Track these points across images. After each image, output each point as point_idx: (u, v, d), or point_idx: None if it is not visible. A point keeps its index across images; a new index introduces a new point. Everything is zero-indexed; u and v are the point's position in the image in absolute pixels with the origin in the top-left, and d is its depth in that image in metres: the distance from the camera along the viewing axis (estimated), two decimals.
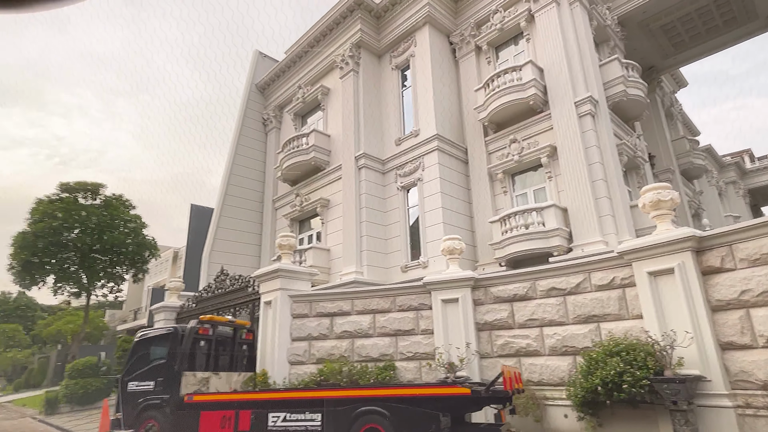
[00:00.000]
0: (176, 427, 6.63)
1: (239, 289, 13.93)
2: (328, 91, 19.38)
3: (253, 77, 22.91)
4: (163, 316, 16.82)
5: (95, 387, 14.19)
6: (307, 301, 11.28)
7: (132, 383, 7.47)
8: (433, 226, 14.60)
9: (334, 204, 17.49)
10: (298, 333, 11.04)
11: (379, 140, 17.40)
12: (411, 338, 10.15)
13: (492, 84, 14.89)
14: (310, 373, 10.39)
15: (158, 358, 7.52)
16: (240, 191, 21.16)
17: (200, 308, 15.76)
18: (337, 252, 16.56)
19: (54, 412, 13.98)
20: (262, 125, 22.92)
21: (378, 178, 16.90)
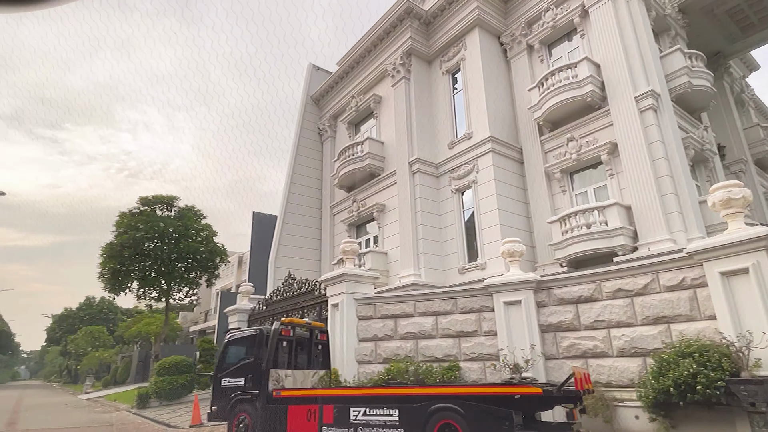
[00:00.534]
0: (266, 420, 7.35)
1: (306, 292, 14.77)
2: (380, 99, 19.97)
3: (308, 89, 23.98)
4: (237, 317, 18.09)
5: (180, 383, 15.57)
6: (371, 304, 11.84)
7: (224, 379, 8.33)
8: (490, 228, 14.74)
9: (389, 208, 18.02)
10: (364, 334, 11.63)
11: (432, 144, 17.74)
12: (474, 339, 10.42)
13: (546, 83, 14.81)
14: (377, 372, 10.93)
15: (246, 356, 8.34)
16: (300, 199, 22.23)
17: (270, 310, 16.82)
18: (395, 255, 17.06)
19: (145, 406, 15.49)
20: (318, 135, 23.93)
21: (432, 181, 17.24)
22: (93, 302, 56.09)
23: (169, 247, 21.52)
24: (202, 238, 22.78)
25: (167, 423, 11.43)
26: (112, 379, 37.64)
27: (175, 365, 15.82)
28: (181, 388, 15.66)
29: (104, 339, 45.42)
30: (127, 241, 20.53)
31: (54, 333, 58.78)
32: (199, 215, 24.00)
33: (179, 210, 23.41)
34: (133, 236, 20.67)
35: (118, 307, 56.66)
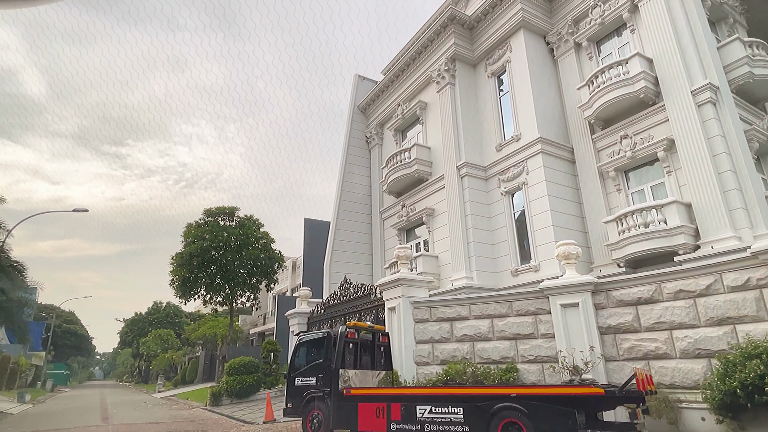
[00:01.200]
0: (338, 416, 7.98)
1: (363, 296, 15.43)
2: (425, 105, 20.38)
3: (354, 99, 24.80)
4: (297, 321, 19.08)
5: (249, 383, 16.68)
6: (426, 307, 12.27)
7: (297, 378, 9.07)
8: (543, 230, 14.75)
9: (438, 213, 18.37)
10: (421, 336, 12.08)
11: (480, 148, 17.92)
12: (531, 342, 10.59)
13: (596, 80, 14.65)
14: (435, 373, 11.34)
15: (317, 357, 9.03)
16: (351, 206, 23.04)
17: (328, 314, 17.65)
18: (446, 258, 17.38)
19: (218, 404, 16.72)
20: (365, 143, 24.67)
21: (481, 185, 17.43)
22: (160, 307, 60.05)
23: (232, 255, 22.97)
24: (261, 245, 24.10)
25: (242, 419, 12.39)
26: (181, 378, 40.25)
27: (243, 366, 16.95)
28: (249, 387, 16.76)
29: (172, 341, 48.55)
30: (195, 250, 22.14)
31: (126, 336, 63.38)
32: (258, 224, 25.41)
33: (239, 220, 24.90)
34: (200, 246, 22.26)
35: (183, 311, 60.30)
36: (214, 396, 16.78)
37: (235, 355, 22.89)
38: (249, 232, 24.14)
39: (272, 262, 24.43)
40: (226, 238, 23.15)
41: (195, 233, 23.05)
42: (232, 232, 23.55)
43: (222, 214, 24.65)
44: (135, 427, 12.02)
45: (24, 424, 13.81)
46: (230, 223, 24.78)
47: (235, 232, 23.67)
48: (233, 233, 23.57)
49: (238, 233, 23.70)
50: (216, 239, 22.78)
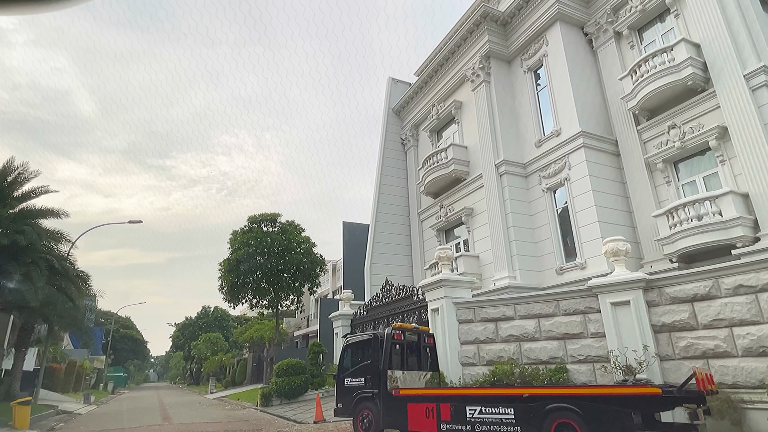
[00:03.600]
0: (388, 416, 8.13)
1: (405, 298, 15.56)
2: (460, 105, 20.29)
3: (388, 102, 25.00)
4: (340, 323, 19.44)
5: (298, 384, 17.14)
6: (470, 308, 12.24)
7: (347, 379, 9.30)
8: (588, 226, 14.38)
9: (478, 212, 18.23)
10: (466, 337, 12.06)
11: (518, 145, 17.67)
12: (580, 341, 10.37)
13: (639, 69, 14.14)
14: (482, 373, 11.30)
15: (364, 359, 9.23)
16: (389, 208, 23.23)
17: (370, 315, 17.89)
18: (487, 258, 17.23)
19: (268, 404, 17.29)
20: (401, 145, 24.81)
21: (520, 182, 17.18)
22: (209, 311, 62.43)
23: (276, 259, 23.65)
24: (303, 249, 24.68)
25: (293, 419, 12.79)
26: (230, 380, 41.71)
27: (291, 367, 17.43)
28: (298, 388, 17.22)
29: (221, 344, 50.37)
30: (241, 256, 22.97)
31: (178, 340, 66.28)
32: (299, 229, 26.04)
33: (281, 225, 25.61)
34: (246, 252, 23.07)
35: (230, 315, 62.43)
36: (265, 397, 17.36)
37: (281, 357, 23.56)
38: (291, 237, 24.77)
39: (314, 265, 24.97)
40: (270, 244, 23.86)
41: (241, 240, 23.90)
42: (275, 238, 24.24)
43: (265, 221, 25.43)
44: (194, 426, 12.65)
45: (92, 423, 14.81)
46: (273, 229, 25.51)
47: (278, 238, 24.36)
48: (276, 239, 24.26)
49: (280, 239, 24.38)
50: (260, 245, 23.53)
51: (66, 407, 20.16)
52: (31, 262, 12.72)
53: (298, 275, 24.67)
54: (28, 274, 12.41)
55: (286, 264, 23.77)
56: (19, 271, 12.21)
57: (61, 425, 14.26)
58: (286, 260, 23.73)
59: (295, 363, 17.59)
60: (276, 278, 23.90)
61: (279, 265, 23.58)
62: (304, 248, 24.84)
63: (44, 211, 15.11)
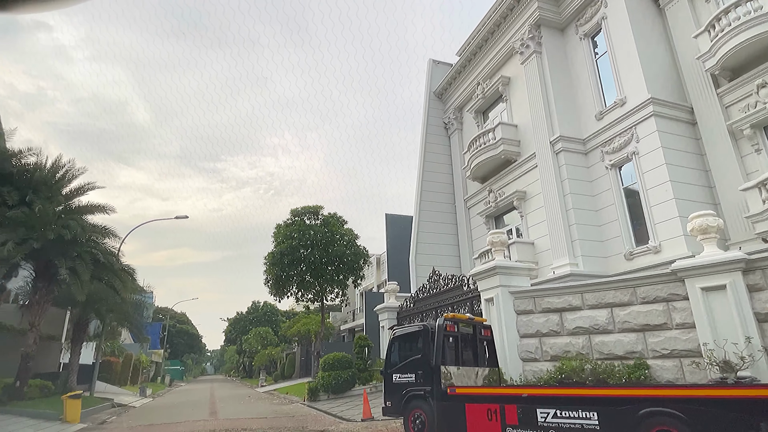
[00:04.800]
0: (443, 417, 7.19)
1: (454, 288, 14.50)
2: (508, 81, 18.85)
3: (429, 85, 23.84)
4: (386, 315, 18.64)
5: (344, 378, 16.53)
6: (530, 297, 11.03)
7: (395, 375, 8.43)
8: (662, 204, 12.72)
9: (531, 195, 16.82)
10: (526, 330, 10.87)
11: (575, 119, 16.09)
12: (663, 333, 8.96)
13: (719, 23, 12.31)
14: (546, 370, 10.10)
15: (414, 352, 8.32)
16: (433, 196, 22.14)
17: (417, 308, 16.96)
18: (543, 245, 15.83)
19: (316, 399, 16.78)
20: (444, 129, 23.61)
21: (580, 160, 15.62)
22: (258, 306, 63.84)
23: (320, 252, 23.20)
24: (346, 241, 24.09)
25: (340, 416, 12.11)
26: (280, 373, 42.17)
27: (337, 361, 16.84)
28: (344, 383, 16.60)
29: (270, 338, 51.18)
30: (285, 249, 22.68)
31: (230, 334, 68.29)
32: (341, 221, 25.47)
33: (324, 218, 25.14)
34: (290, 245, 22.75)
35: (279, 310, 63.54)
36: (312, 391, 16.88)
37: (328, 351, 23.13)
38: (333, 229, 24.24)
39: (357, 257, 24.32)
40: (313, 236, 23.44)
41: (284, 233, 23.63)
42: (318, 230, 23.79)
43: (307, 213, 25.06)
44: (239, 422, 12.26)
45: (143, 417, 14.84)
46: (315, 221, 25.10)
47: (321, 230, 23.89)
48: (319, 231, 23.81)
49: (323, 231, 23.90)
50: (303, 237, 23.15)
51: (122, 400, 20.66)
52: (77, 256, 12.76)
53: (342, 268, 24.10)
54: (74, 268, 12.44)
55: (329, 256, 23.26)
56: (65, 265, 12.25)
57: (113, 418, 14.36)
58: (329, 252, 23.23)
59: (341, 357, 16.98)
60: (320, 271, 23.46)
61: (322, 258, 23.11)
62: (347, 240, 24.24)
63: (91, 206, 15.26)
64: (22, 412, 11.60)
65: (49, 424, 11.04)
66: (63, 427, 11.04)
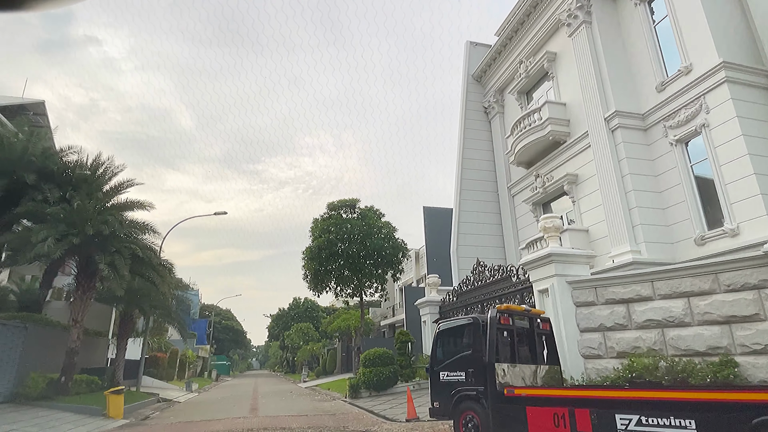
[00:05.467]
0: (500, 422, 6.34)
1: (502, 279, 13.50)
2: (554, 57, 17.50)
3: (467, 68, 22.71)
4: (428, 310, 17.83)
5: (386, 375, 15.87)
6: (590, 287, 9.92)
7: (442, 373, 7.63)
8: (739, 181, 11.22)
9: (584, 178, 15.50)
10: (587, 323, 9.78)
11: (633, 92, 14.64)
12: (755, 326, 7.70)
13: None
14: (612, 368, 9.01)
15: (463, 348, 7.50)
16: (474, 184, 21.07)
17: (461, 301, 16.04)
18: (598, 232, 14.53)
19: (357, 396, 16.22)
20: (484, 114, 22.44)
21: (639, 137, 14.20)
22: (299, 302, 64.52)
23: (357, 246, 22.65)
24: (384, 235, 23.42)
25: (383, 415, 11.44)
26: (322, 369, 42.23)
27: (378, 357, 16.21)
28: (386, 380, 15.96)
29: (312, 334, 51.46)
30: (322, 243, 22.29)
31: (273, 330, 69.44)
32: (378, 214, 24.82)
33: (361, 211, 24.58)
34: (327, 239, 22.34)
35: (319, 306, 63.99)
36: (353, 388, 16.33)
37: (369, 347, 22.57)
38: (371, 222, 23.62)
39: (396, 251, 23.60)
40: (350, 230, 22.92)
41: (321, 227, 23.25)
42: (355, 224, 23.25)
43: (344, 207, 24.58)
44: (279, 419, 11.84)
45: (184, 413, 14.77)
46: (352, 215, 24.59)
47: (358, 224, 23.34)
48: (356, 224, 23.26)
49: (360, 224, 23.33)
50: (340, 231, 22.68)
51: (167, 395, 20.95)
52: (115, 251, 12.73)
53: (380, 261, 23.45)
54: (113, 263, 12.41)
55: (367, 250, 22.67)
56: (104, 261, 12.22)
57: (156, 414, 14.36)
58: (366, 246, 22.63)
59: (382, 353, 16.32)
60: (358, 265, 22.91)
61: (360, 252, 22.55)
62: (385, 233, 23.56)
63: (131, 203, 15.31)
64: (66, 407, 11.67)
65: (92, 420, 11.02)
66: (104, 422, 10.98)
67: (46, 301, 17.23)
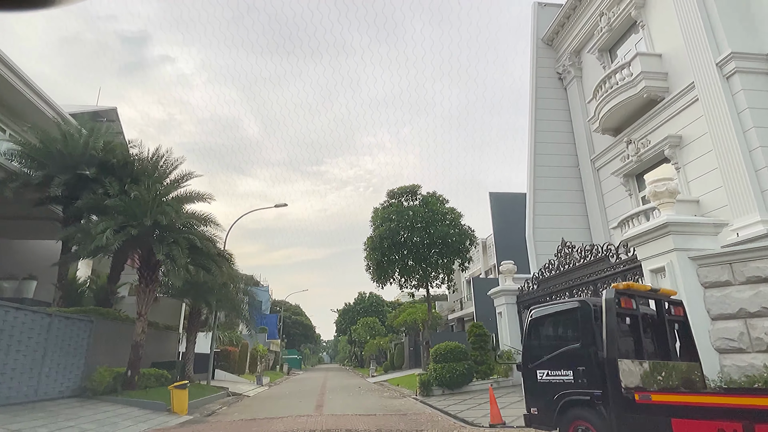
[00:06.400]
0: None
1: (596, 261, 11.49)
2: (643, 2, 14.96)
3: (536, 32, 20.43)
4: (503, 299, 16.07)
5: (460, 371, 14.39)
6: (723, 263, 7.79)
7: (540, 372, 6.05)
8: None
9: (690, 139, 12.97)
10: (721, 308, 7.69)
11: (750, 29, 11.94)
12: None
13: None
14: (760, 365, 6.92)
15: (568, 340, 5.88)
16: (550, 159, 18.88)
17: (543, 289, 14.15)
18: (713, 202, 12.03)
19: (428, 395, 14.88)
20: (557, 81, 20.08)
21: (763, 82, 11.50)
22: (364, 297, 64.52)
23: (421, 234, 21.28)
24: (449, 221, 21.83)
25: (462, 418, 10.00)
26: (390, 363, 41.39)
27: (449, 351, 14.76)
28: (460, 377, 14.47)
29: (378, 328, 50.95)
30: (384, 232, 21.15)
31: (340, 324, 70.06)
32: (442, 200, 23.25)
33: (423, 197, 23.15)
34: (389, 227, 21.17)
35: (384, 300, 63.57)
36: (424, 385, 15.00)
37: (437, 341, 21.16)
38: (434, 208, 22.12)
39: (463, 238, 21.89)
40: (412, 217, 21.58)
41: (382, 215, 22.13)
42: (417, 211, 21.86)
43: (405, 194, 23.27)
44: (344, 419, 10.81)
45: (250, 408, 14.26)
46: (414, 202, 23.22)
47: (420, 210, 21.93)
48: (418, 211, 21.87)
49: (423, 211, 21.91)
50: (402, 219, 21.40)
51: (238, 388, 20.90)
52: (173, 242, 12.35)
53: (446, 250, 21.87)
54: (171, 253, 12.02)
55: (431, 238, 21.20)
56: (162, 251, 11.86)
57: (223, 409, 13.95)
58: (431, 234, 21.17)
59: (454, 347, 14.84)
60: (423, 254, 21.52)
61: (425, 240, 21.13)
62: (450, 219, 21.94)
63: (191, 195, 15.05)
64: (131, 402, 11.45)
65: (154, 415, 10.63)
66: (167, 418, 10.55)
67: (119, 297, 17.59)
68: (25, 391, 9.46)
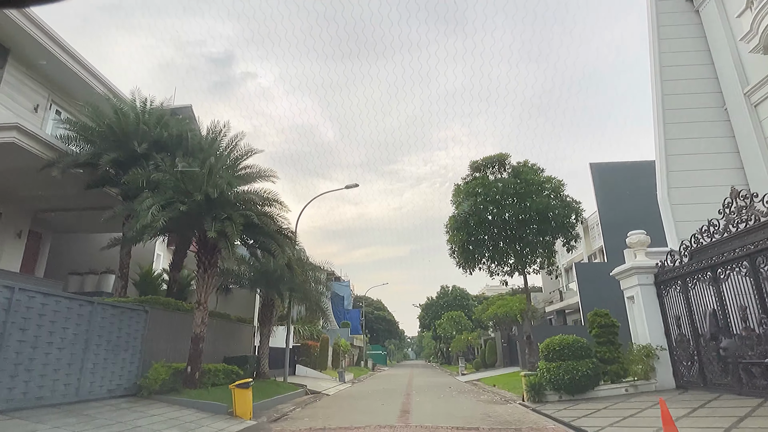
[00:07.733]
0: None
1: None
2: None
3: None
4: (636, 280, 12.50)
5: (582, 372, 11.18)
6: None
7: None
8: None
9: None
10: None
11: None
12: None
13: None
14: None
15: None
16: (682, 100, 14.77)
17: (699, 261, 10.45)
18: None
19: (541, 400, 11.85)
20: (686, 3, 15.76)
21: None
22: (447, 290, 61.57)
23: (514, 209, 18.07)
24: (549, 191, 18.35)
25: None
26: (481, 361, 38.13)
27: (566, 347, 11.58)
28: (583, 379, 11.26)
29: (464, 323, 47.78)
30: (469, 208, 18.28)
31: (424, 320, 67.73)
32: (536, 169, 19.76)
33: (513, 168, 19.87)
34: (474, 202, 18.27)
35: (469, 294, 60.17)
36: (534, 388, 11.98)
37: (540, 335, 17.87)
38: (528, 178, 18.76)
39: (568, 211, 18.29)
40: (501, 190, 18.43)
41: (465, 190, 19.25)
42: (508, 182, 18.67)
43: (491, 165, 20.14)
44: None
45: (326, 411, 12.32)
46: (502, 174, 20.01)
47: (512, 182, 18.71)
48: (509, 183, 18.67)
49: (514, 182, 18.67)
50: (490, 193, 18.35)
51: (317, 386, 19.29)
52: (226, 218, 10.67)
53: (546, 227, 18.40)
54: (224, 231, 10.36)
55: (527, 213, 17.89)
56: (213, 228, 10.22)
57: (296, 411, 12.11)
58: (525, 208, 17.86)
59: (573, 341, 11.64)
60: (516, 233, 18.29)
61: (519, 215, 17.88)
62: (549, 189, 18.44)
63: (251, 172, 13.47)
64: (189, 403, 9.93)
65: (210, 420, 8.93)
66: (224, 424, 8.77)
67: (190, 287, 16.68)
68: (62, 390, 8.22)
